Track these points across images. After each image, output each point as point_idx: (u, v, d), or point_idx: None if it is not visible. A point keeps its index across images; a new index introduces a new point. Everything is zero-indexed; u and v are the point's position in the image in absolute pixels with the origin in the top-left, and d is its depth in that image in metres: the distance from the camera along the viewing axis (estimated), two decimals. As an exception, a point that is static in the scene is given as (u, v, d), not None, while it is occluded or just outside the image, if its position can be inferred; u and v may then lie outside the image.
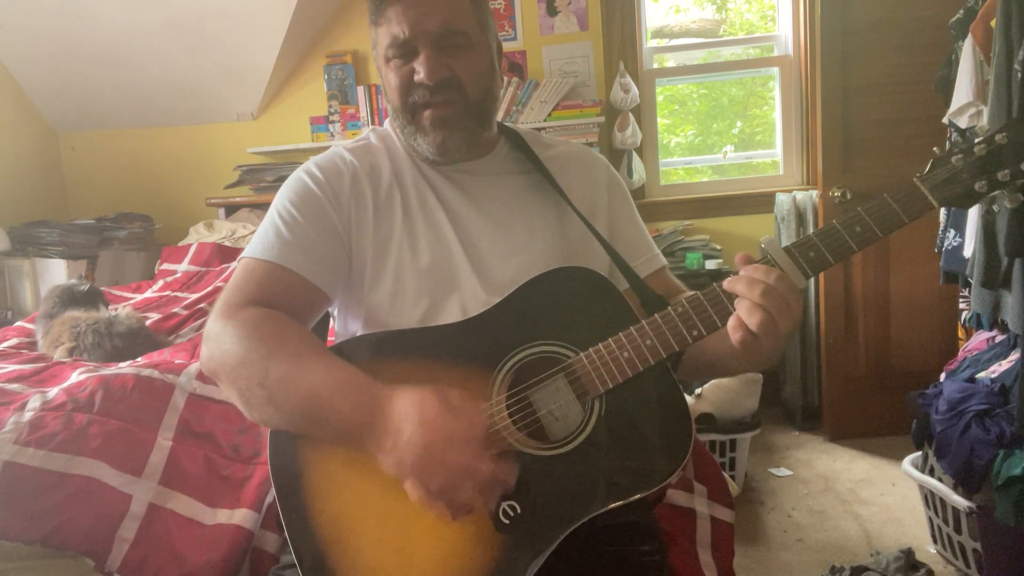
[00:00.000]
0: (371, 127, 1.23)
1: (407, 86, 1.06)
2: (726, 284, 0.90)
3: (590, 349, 0.94)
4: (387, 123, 1.20)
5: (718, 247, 3.32)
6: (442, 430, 0.84)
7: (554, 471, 0.91)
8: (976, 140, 0.90)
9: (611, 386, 0.93)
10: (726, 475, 1.85)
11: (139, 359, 1.86)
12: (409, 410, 0.86)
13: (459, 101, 1.07)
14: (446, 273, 1.07)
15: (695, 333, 0.92)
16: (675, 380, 0.94)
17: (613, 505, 0.89)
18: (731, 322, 0.88)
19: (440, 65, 1.04)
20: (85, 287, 2.35)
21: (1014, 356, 2.06)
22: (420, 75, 1.04)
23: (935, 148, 0.92)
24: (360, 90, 3.41)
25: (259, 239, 1.06)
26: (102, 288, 2.75)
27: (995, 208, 0.91)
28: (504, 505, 0.89)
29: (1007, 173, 0.87)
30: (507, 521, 0.89)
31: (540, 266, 1.01)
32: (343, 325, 1.15)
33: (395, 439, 0.85)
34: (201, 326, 2.41)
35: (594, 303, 0.97)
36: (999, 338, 2.22)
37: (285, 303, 1.01)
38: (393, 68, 1.07)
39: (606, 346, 0.93)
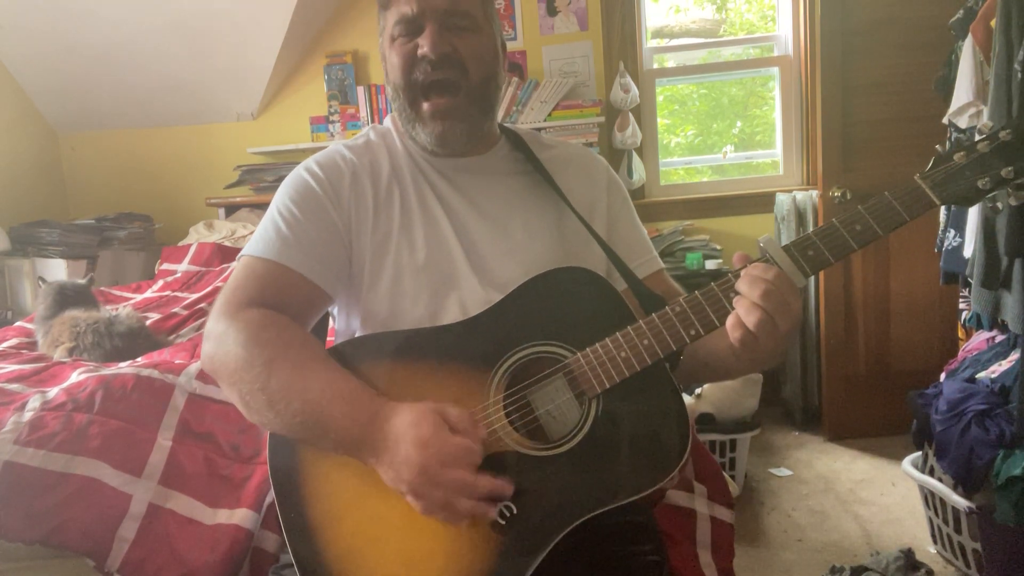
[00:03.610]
0: (371, 125, 1.24)
1: (410, 62, 1.07)
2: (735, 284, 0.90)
3: (588, 349, 0.94)
4: (387, 120, 1.21)
5: (718, 247, 3.32)
6: (438, 450, 0.85)
7: (551, 471, 0.91)
8: (979, 137, 0.88)
9: (608, 386, 0.92)
10: (726, 475, 1.84)
11: (139, 359, 1.86)
12: (406, 429, 0.87)
13: (460, 83, 1.07)
14: (444, 271, 1.07)
15: (692, 332, 0.92)
16: (673, 380, 0.94)
17: (610, 506, 0.89)
18: (730, 321, 0.88)
19: (443, 40, 1.06)
20: (83, 281, 2.36)
21: (1014, 356, 2.06)
22: (424, 48, 1.05)
23: (937, 146, 0.91)
24: (360, 90, 3.40)
25: (259, 237, 1.06)
26: (102, 287, 2.76)
27: (998, 206, 0.90)
28: (501, 506, 0.89)
29: (1011, 170, 0.86)
30: (503, 522, 0.89)
31: (538, 266, 1.01)
32: (345, 323, 1.14)
33: (392, 456, 0.87)
34: (201, 326, 2.41)
35: (592, 303, 0.97)
36: (999, 338, 2.22)
37: (286, 302, 1.01)
38: (397, 47, 1.08)
39: (603, 346, 0.93)
